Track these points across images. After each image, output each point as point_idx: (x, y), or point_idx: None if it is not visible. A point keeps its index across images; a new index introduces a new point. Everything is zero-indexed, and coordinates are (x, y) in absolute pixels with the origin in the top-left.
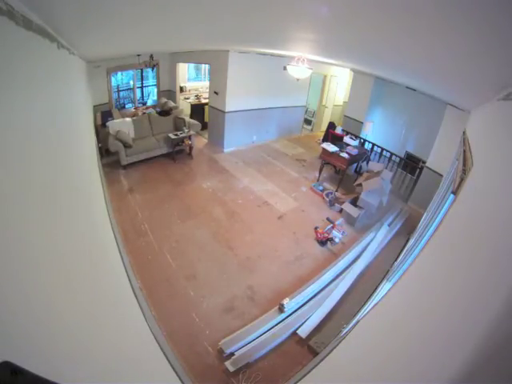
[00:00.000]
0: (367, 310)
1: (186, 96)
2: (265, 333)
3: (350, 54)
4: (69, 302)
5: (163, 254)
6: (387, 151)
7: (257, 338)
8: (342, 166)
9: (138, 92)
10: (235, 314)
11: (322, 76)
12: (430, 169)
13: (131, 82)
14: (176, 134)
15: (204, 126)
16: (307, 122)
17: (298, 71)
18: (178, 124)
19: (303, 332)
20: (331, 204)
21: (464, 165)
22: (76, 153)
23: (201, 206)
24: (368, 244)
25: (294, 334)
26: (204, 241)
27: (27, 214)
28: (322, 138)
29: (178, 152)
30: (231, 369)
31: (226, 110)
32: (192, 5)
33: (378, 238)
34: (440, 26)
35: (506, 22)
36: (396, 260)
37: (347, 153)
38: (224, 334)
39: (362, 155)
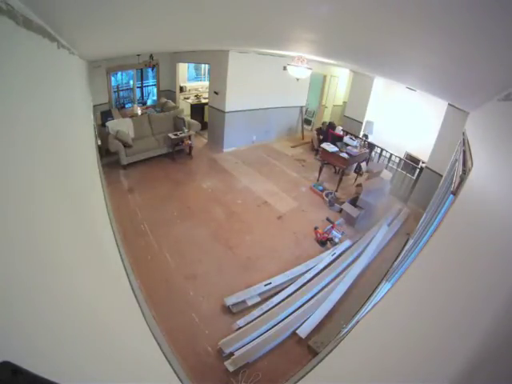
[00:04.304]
0: (367, 310)
1: (186, 96)
2: (264, 333)
3: (349, 55)
4: (69, 301)
5: (163, 253)
6: (387, 151)
7: (256, 337)
8: (341, 165)
9: (137, 92)
10: (235, 314)
11: (321, 76)
12: (430, 169)
13: (131, 82)
14: (176, 134)
15: (204, 126)
16: (307, 122)
17: (298, 71)
18: (178, 124)
19: (303, 332)
20: (331, 204)
21: (464, 165)
22: (76, 153)
23: (200, 206)
24: (368, 244)
25: (294, 333)
26: (203, 241)
27: (27, 215)
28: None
29: (177, 152)
30: (231, 369)
31: (226, 110)
32: (193, 5)
33: (378, 238)
34: (441, 28)
35: (506, 23)
36: (396, 260)
37: (347, 153)
38: (223, 334)
39: (362, 155)
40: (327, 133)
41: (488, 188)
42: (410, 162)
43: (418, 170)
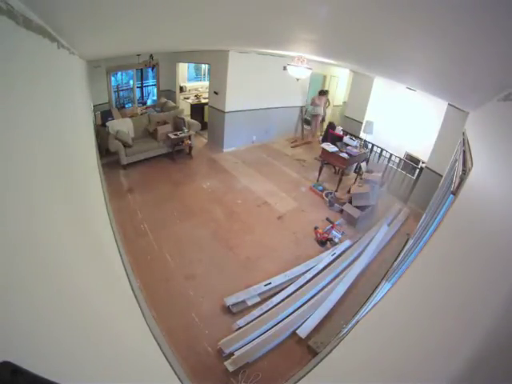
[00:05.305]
0: (367, 310)
1: (186, 96)
2: (264, 333)
3: (350, 55)
4: (69, 301)
5: (163, 253)
6: (387, 151)
7: (256, 337)
8: (341, 165)
9: (137, 92)
10: (235, 314)
11: (321, 76)
12: (430, 169)
13: (131, 82)
14: (176, 134)
15: (204, 126)
16: (307, 122)
17: (298, 71)
18: (178, 124)
19: (303, 332)
20: (331, 204)
21: (464, 165)
22: (76, 152)
23: (200, 206)
24: (368, 244)
25: (294, 333)
26: (203, 241)
27: (26, 215)
28: (321, 137)
29: (177, 152)
30: (231, 369)
31: (226, 110)
32: (193, 6)
33: (378, 238)
34: (441, 28)
35: (506, 24)
36: (396, 260)
37: (347, 153)
38: (223, 334)
39: (362, 155)
40: (327, 133)
41: (488, 188)
42: (410, 162)
43: (417, 170)
